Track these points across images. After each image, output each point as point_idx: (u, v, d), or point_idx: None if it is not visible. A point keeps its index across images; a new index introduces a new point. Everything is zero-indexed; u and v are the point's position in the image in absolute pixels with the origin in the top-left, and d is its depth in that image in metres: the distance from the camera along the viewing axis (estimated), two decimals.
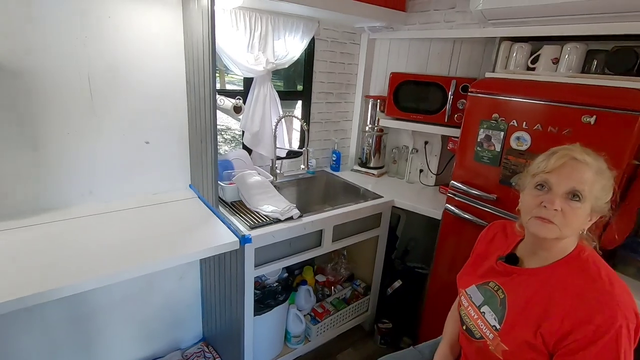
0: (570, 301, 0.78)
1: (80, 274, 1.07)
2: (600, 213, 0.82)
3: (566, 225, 0.80)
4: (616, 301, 0.75)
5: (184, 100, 1.66)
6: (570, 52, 1.41)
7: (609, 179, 0.82)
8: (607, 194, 0.82)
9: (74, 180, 1.48)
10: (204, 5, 1.31)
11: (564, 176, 0.80)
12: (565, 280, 0.82)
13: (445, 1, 1.88)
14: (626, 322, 0.73)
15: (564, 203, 0.80)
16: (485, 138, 1.46)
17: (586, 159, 0.80)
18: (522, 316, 0.84)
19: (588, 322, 0.74)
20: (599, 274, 0.80)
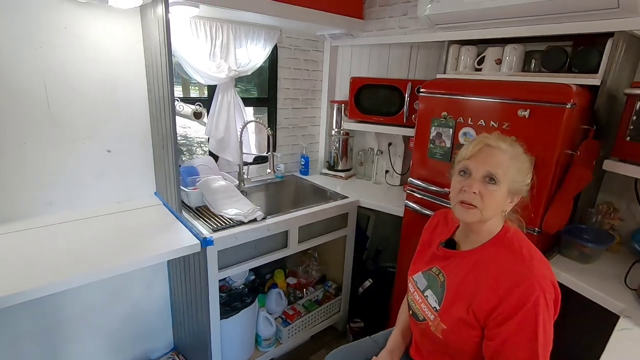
0: (495, 277, 0.84)
1: (36, 281, 1.07)
2: (519, 194, 0.89)
3: (485, 208, 0.87)
4: (534, 274, 0.81)
5: (145, 108, 1.68)
6: (511, 53, 1.51)
7: (525, 162, 0.89)
8: (524, 177, 0.88)
9: (33, 191, 1.47)
10: (159, 15, 1.35)
11: (481, 161, 0.87)
12: (492, 259, 0.88)
13: (398, 8, 1.98)
14: (543, 293, 0.79)
15: (481, 186, 0.86)
16: (436, 135, 1.54)
17: (500, 145, 0.87)
18: (457, 296, 0.90)
19: (510, 294, 0.80)
20: (521, 251, 0.86)
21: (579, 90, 1.22)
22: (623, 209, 1.49)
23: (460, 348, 0.90)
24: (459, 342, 0.89)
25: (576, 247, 1.35)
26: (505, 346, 0.81)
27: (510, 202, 0.89)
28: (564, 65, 1.38)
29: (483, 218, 0.88)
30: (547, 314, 0.80)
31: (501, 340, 0.81)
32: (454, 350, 0.92)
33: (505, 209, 0.90)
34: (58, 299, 1.53)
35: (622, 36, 1.21)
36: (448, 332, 0.89)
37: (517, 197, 0.89)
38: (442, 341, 0.91)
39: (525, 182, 0.89)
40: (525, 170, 0.88)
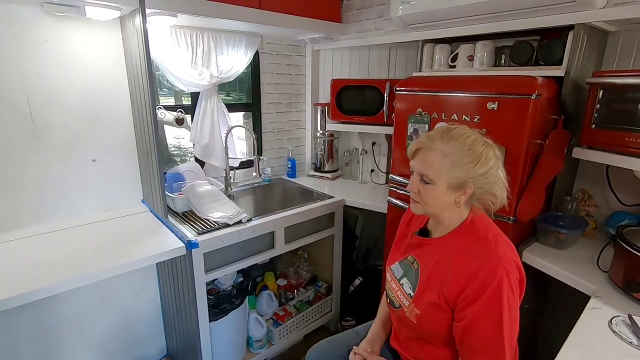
0: (461, 262, 0.88)
1: (26, 287, 1.09)
2: (468, 186, 0.89)
3: (425, 204, 0.92)
4: (498, 256, 0.84)
5: (129, 117, 1.71)
6: (481, 49, 1.56)
7: (466, 155, 0.87)
8: (467, 170, 0.87)
9: (19, 202, 1.49)
10: (137, 25, 1.39)
11: (417, 162, 0.92)
12: (459, 245, 0.91)
13: (374, 11, 2.03)
14: (507, 274, 0.82)
15: (419, 185, 0.92)
16: (413, 132, 1.58)
17: (435, 144, 0.89)
18: (429, 281, 0.93)
19: (475, 277, 0.83)
20: (486, 235, 0.90)
21: (545, 81, 1.27)
22: (597, 196, 1.53)
23: (433, 331, 0.93)
24: (432, 326, 0.92)
25: (552, 234, 1.39)
26: (472, 326, 0.84)
27: (463, 194, 0.90)
28: (530, 58, 1.43)
29: (427, 212, 0.94)
30: (511, 294, 0.83)
31: (468, 321, 0.84)
32: (428, 334, 0.95)
33: (459, 201, 0.91)
34: (48, 307, 1.55)
35: (582, 28, 1.26)
36: (421, 316, 0.92)
37: (468, 189, 0.89)
38: (416, 326, 0.94)
39: (470, 174, 0.87)
40: (464, 163, 0.87)
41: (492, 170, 0.90)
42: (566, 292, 1.23)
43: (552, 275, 1.25)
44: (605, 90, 1.23)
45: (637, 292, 1.03)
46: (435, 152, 0.89)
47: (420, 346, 1.00)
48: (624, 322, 0.95)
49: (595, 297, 1.08)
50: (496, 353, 0.84)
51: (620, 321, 0.96)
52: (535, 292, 1.53)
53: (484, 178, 0.89)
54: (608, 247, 1.30)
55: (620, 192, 1.44)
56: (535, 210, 1.35)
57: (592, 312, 1.00)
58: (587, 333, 0.92)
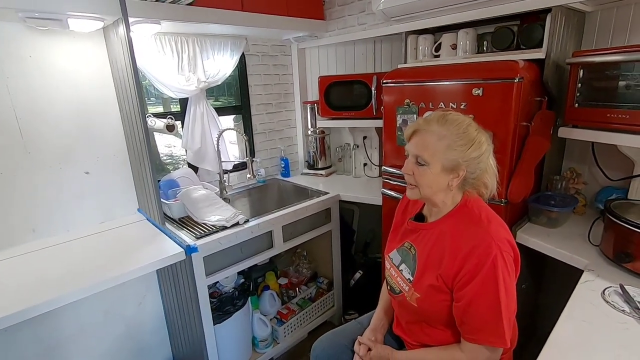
0: (457, 243, 0.90)
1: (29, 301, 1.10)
2: (461, 169, 0.91)
3: (420, 186, 0.94)
4: (491, 235, 0.87)
5: (119, 127, 1.71)
6: (463, 38, 1.58)
7: (460, 138, 0.90)
8: (460, 152, 0.89)
9: (14, 220, 1.49)
10: (121, 35, 1.39)
11: (413, 144, 0.95)
12: (454, 227, 0.94)
13: (356, 6, 2.05)
14: (500, 252, 0.85)
15: (414, 167, 0.94)
16: (402, 122, 1.60)
17: (430, 127, 0.92)
18: (427, 264, 0.95)
19: (470, 256, 0.86)
20: (480, 216, 0.92)
21: (526, 64, 1.30)
22: (585, 173, 1.57)
23: (434, 313, 0.95)
24: (432, 308, 0.95)
25: (544, 213, 1.42)
26: (471, 305, 0.86)
27: (456, 177, 0.92)
28: (512, 43, 1.46)
29: (423, 195, 0.95)
30: (506, 272, 0.86)
31: (467, 301, 0.86)
32: (429, 317, 0.97)
33: (452, 184, 0.93)
34: (51, 323, 1.54)
35: (559, 10, 1.28)
36: (422, 300, 0.95)
37: (461, 171, 0.91)
38: (417, 309, 0.97)
39: (464, 157, 0.89)
40: (458, 145, 0.89)
41: (484, 155, 0.92)
42: (561, 268, 1.27)
43: (546, 253, 1.28)
44: (585, 70, 1.27)
45: (627, 263, 1.06)
46: (431, 134, 0.91)
47: (422, 329, 1.02)
48: (616, 292, 0.98)
49: (588, 270, 1.11)
50: (495, 330, 0.86)
51: (613, 291, 0.99)
52: (532, 271, 1.57)
53: (477, 162, 0.91)
54: (598, 222, 1.33)
55: (607, 167, 1.47)
56: (526, 191, 1.38)
57: (586, 285, 1.03)
58: (581, 305, 0.95)
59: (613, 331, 0.85)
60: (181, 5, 1.53)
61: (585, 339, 0.84)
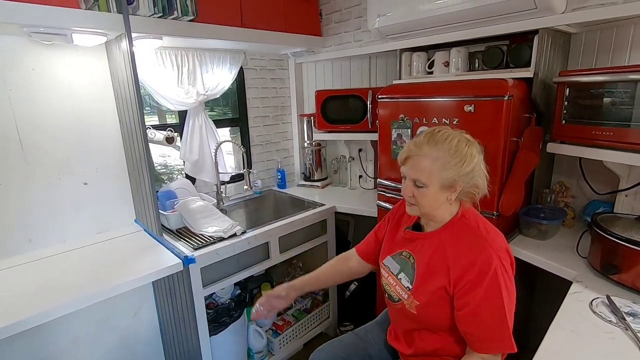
0: (457, 251, 0.94)
1: (24, 313, 1.10)
2: (458, 184, 0.95)
3: (421, 206, 0.98)
4: (491, 245, 0.91)
5: (118, 139, 1.73)
6: (456, 56, 1.65)
7: (454, 157, 0.93)
8: (456, 170, 0.93)
9: (11, 230, 1.49)
10: (124, 49, 1.42)
11: (409, 168, 0.98)
12: (454, 237, 0.97)
13: (352, 24, 2.12)
14: (500, 260, 0.89)
15: (414, 189, 0.98)
16: (397, 137, 1.64)
17: (423, 150, 0.95)
18: (425, 273, 0.98)
19: (473, 265, 0.89)
20: (478, 227, 0.96)
21: (516, 83, 1.36)
22: (574, 187, 1.62)
23: (434, 320, 0.98)
24: (432, 314, 0.97)
25: (534, 225, 1.46)
26: (476, 316, 0.89)
27: (454, 192, 0.96)
28: (501, 62, 1.52)
29: (423, 213, 1.00)
30: (506, 276, 0.90)
31: (471, 310, 0.89)
32: (429, 323, 1.00)
33: (450, 198, 0.97)
34: (45, 334, 1.53)
35: (545, 32, 1.35)
36: (421, 307, 0.97)
37: (458, 186, 0.95)
38: (417, 317, 0.99)
39: (459, 174, 0.93)
40: (452, 164, 0.93)
41: (477, 166, 0.96)
42: (551, 279, 1.30)
43: (536, 264, 1.32)
44: (571, 88, 1.32)
45: (614, 274, 1.10)
46: (424, 158, 0.94)
47: (421, 336, 1.04)
48: (603, 302, 1.02)
49: (577, 281, 1.14)
50: (502, 336, 0.88)
51: (600, 302, 1.02)
52: (524, 282, 1.59)
53: (471, 176, 0.95)
54: (586, 234, 1.38)
55: (594, 182, 1.53)
56: (516, 204, 1.42)
57: (574, 296, 1.07)
58: (570, 315, 0.98)
59: (600, 341, 0.88)
60: (183, 21, 1.58)
61: (574, 348, 0.87)
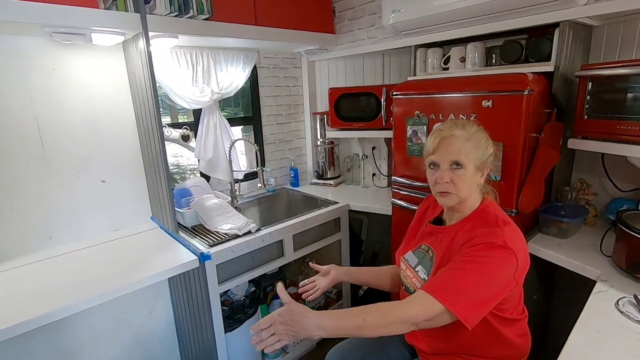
0: (468, 235, 0.94)
1: (44, 308, 1.12)
2: (486, 165, 0.99)
3: (460, 191, 0.96)
4: (504, 234, 0.88)
5: (135, 137, 1.76)
6: (472, 51, 1.62)
7: (480, 138, 0.97)
8: (484, 150, 0.97)
9: (32, 227, 1.53)
10: (141, 48, 1.44)
11: (443, 153, 0.96)
12: (471, 230, 0.96)
13: (365, 21, 2.10)
14: (505, 244, 0.86)
15: (451, 174, 0.96)
16: (412, 133, 1.62)
17: (454, 132, 0.96)
18: (441, 264, 0.97)
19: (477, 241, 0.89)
20: (496, 220, 0.95)
21: (535, 77, 1.32)
22: (596, 184, 1.58)
23: None
24: None
25: (554, 223, 1.43)
26: (446, 269, 0.89)
27: (482, 176, 0.99)
28: (520, 56, 1.49)
29: (461, 199, 0.98)
30: (499, 263, 0.86)
31: (448, 267, 0.90)
32: None
33: (480, 183, 0.99)
34: (65, 329, 1.56)
35: (566, 25, 1.31)
36: None
37: (486, 169, 0.99)
38: None
39: (487, 154, 0.97)
40: (482, 144, 0.97)
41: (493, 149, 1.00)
42: (573, 280, 1.27)
43: (557, 263, 1.29)
44: (593, 82, 1.29)
45: None
46: (458, 138, 0.95)
47: (439, 334, 1.02)
48: (630, 302, 0.98)
49: (601, 281, 1.11)
50: (455, 294, 0.84)
51: (627, 302, 0.99)
52: (543, 283, 1.56)
53: (492, 157, 0.99)
54: (609, 232, 1.33)
55: (617, 178, 1.48)
56: (535, 202, 1.39)
57: (599, 296, 1.03)
58: (595, 315, 0.95)
59: (628, 341, 0.85)
60: (198, 20, 1.59)
61: (600, 349, 0.84)
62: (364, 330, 0.83)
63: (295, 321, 0.82)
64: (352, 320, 0.83)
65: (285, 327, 0.83)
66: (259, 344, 0.84)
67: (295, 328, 0.82)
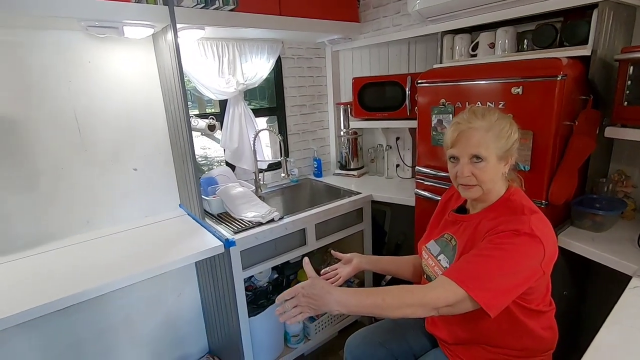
0: (492, 223, 0.92)
1: (84, 286, 1.20)
2: (510, 154, 0.95)
3: (482, 182, 0.94)
4: (531, 222, 0.86)
5: (164, 127, 1.82)
6: (502, 36, 1.55)
7: (502, 126, 0.93)
8: (507, 138, 0.93)
9: (71, 212, 1.63)
10: (169, 40, 1.49)
11: (462, 146, 0.94)
12: (496, 218, 0.94)
13: (391, 8, 2.06)
14: (531, 233, 0.83)
15: (472, 167, 0.93)
16: (437, 122, 1.59)
17: (473, 124, 0.93)
18: (464, 252, 0.96)
19: (502, 229, 0.87)
20: (522, 208, 0.92)
21: (570, 62, 1.26)
22: (635, 176, 1.49)
23: None
24: None
25: (588, 216, 1.36)
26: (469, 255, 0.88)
27: (506, 164, 0.95)
28: (554, 40, 1.42)
29: (485, 190, 0.95)
30: (524, 250, 0.84)
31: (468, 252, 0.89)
32: None
33: (504, 172, 0.96)
34: (103, 308, 1.67)
35: (606, 5, 1.23)
36: None
37: (510, 157, 0.95)
38: None
39: (510, 142, 0.94)
40: (505, 133, 0.93)
41: (518, 138, 0.96)
42: (607, 276, 1.21)
43: (590, 257, 1.23)
44: (635, 66, 1.21)
45: None
46: (477, 130, 0.92)
47: (458, 323, 1.01)
48: None
49: (637, 276, 1.05)
50: (479, 281, 0.82)
51: None
52: (574, 278, 1.50)
53: (517, 146, 0.96)
54: None
55: None
56: (568, 193, 1.33)
57: (635, 291, 0.98)
58: (629, 310, 0.90)
59: None
60: (224, 11, 1.62)
61: (631, 342, 0.80)
62: (382, 309, 0.84)
63: (317, 295, 0.85)
64: (371, 299, 0.85)
65: (308, 300, 0.85)
66: (282, 315, 0.87)
67: (317, 302, 0.85)
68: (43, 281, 1.26)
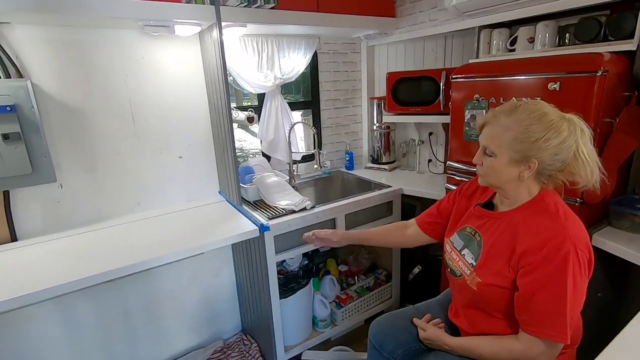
0: (528, 233, 0.92)
1: (134, 259, 1.35)
2: (531, 160, 0.89)
3: (486, 175, 0.97)
4: (567, 232, 0.87)
5: (207, 118, 1.96)
6: (542, 30, 1.52)
7: (529, 130, 0.88)
8: (529, 143, 0.88)
9: (125, 194, 1.80)
10: (214, 37, 1.60)
11: (482, 135, 0.97)
12: (527, 219, 0.94)
13: (427, 2, 2.06)
14: (574, 249, 0.84)
15: (483, 158, 0.97)
16: (471, 118, 1.59)
17: (498, 118, 0.93)
18: (492, 252, 0.98)
19: (542, 247, 0.87)
20: (557, 212, 0.92)
21: (613, 57, 1.22)
22: None
23: (492, 300, 0.98)
24: (491, 294, 0.97)
25: (627, 216, 1.32)
26: (535, 296, 0.87)
27: (528, 169, 0.91)
28: (598, 34, 1.37)
29: (491, 184, 0.99)
30: (578, 270, 0.85)
31: (531, 291, 0.88)
32: (487, 303, 1.00)
33: (524, 176, 0.92)
34: (150, 282, 1.84)
35: None
36: (482, 284, 0.98)
37: (533, 164, 0.89)
38: (476, 293, 1.00)
39: (533, 149, 0.88)
40: (530, 136, 0.88)
41: (565, 144, 0.87)
42: None
43: (626, 258, 1.20)
44: None
45: None
46: (497, 127, 0.93)
47: (479, 315, 1.05)
48: None
49: None
50: (557, 324, 0.86)
51: None
52: (611, 280, 1.46)
53: (553, 153, 0.88)
54: None
55: None
56: (605, 192, 1.29)
57: None
58: None
59: None
60: (265, 9, 1.71)
61: None
62: None
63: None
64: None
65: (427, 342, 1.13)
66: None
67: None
68: (101, 254, 1.41)
